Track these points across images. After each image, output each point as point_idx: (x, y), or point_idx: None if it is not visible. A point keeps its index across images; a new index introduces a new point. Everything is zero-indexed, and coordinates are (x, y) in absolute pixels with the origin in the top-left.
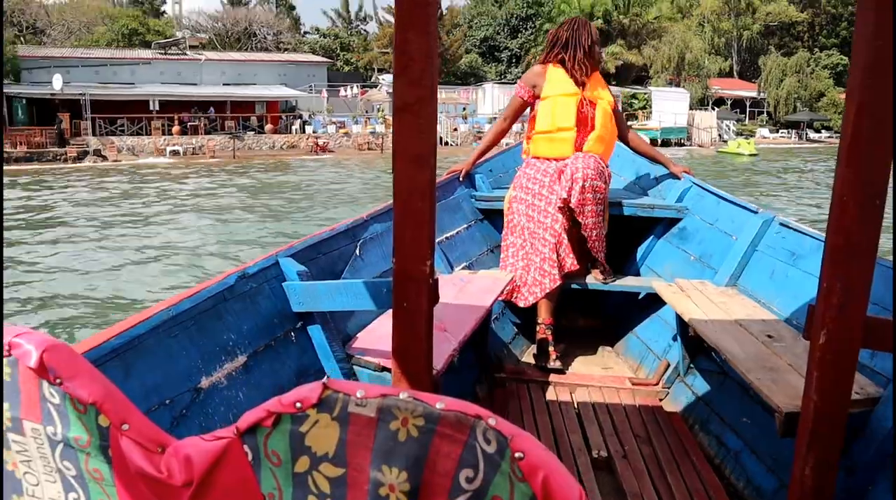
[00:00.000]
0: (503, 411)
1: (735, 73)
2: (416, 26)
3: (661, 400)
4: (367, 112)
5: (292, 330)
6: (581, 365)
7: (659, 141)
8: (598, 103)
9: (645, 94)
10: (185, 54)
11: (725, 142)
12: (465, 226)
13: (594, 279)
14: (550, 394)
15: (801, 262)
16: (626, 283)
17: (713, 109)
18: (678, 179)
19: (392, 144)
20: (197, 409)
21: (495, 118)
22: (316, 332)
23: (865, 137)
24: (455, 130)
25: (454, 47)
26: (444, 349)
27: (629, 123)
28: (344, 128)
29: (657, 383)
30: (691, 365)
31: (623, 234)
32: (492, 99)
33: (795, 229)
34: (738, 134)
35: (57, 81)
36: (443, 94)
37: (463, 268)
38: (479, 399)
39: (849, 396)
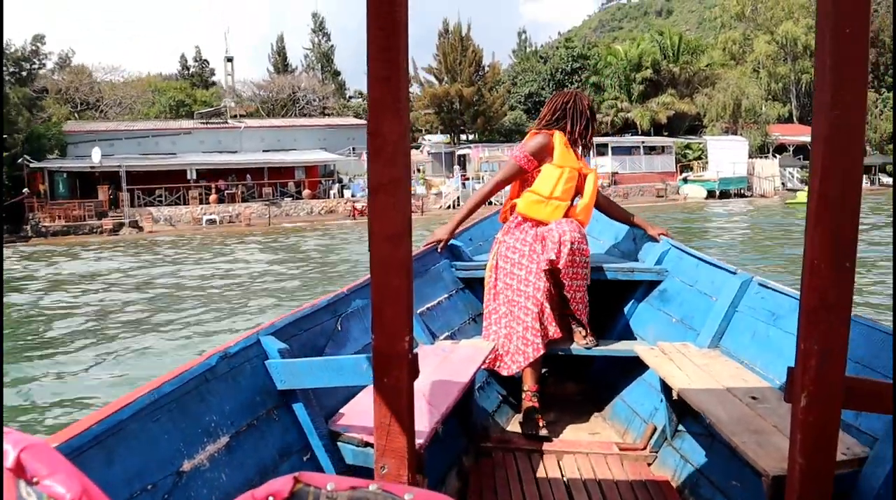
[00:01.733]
0: (490, 481)
1: (794, 119)
2: (388, 110)
3: (649, 465)
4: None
5: (275, 408)
6: (568, 431)
7: (717, 192)
8: (589, 176)
9: (699, 143)
10: (227, 123)
11: (791, 191)
12: (447, 296)
13: (577, 345)
14: (538, 463)
15: (781, 322)
16: (610, 347)
17: (774, 157)
18: (657, 241)
19: (368, 223)
20: (179, 493)
21: None
22: (299, 409)
23: (832, 201)
24: None
25: (496, 104)
26: (426, 422)
27: (684, 174)
28: None
29: (645, 448)
30: (678, 428)
31: (604, 297)
32: None
33: (774, 289)
34: (803, 181)
35: (96, 154)
36: (486, 152)
37: (445, 338)
38: (465, 470)
39: (834, 457)
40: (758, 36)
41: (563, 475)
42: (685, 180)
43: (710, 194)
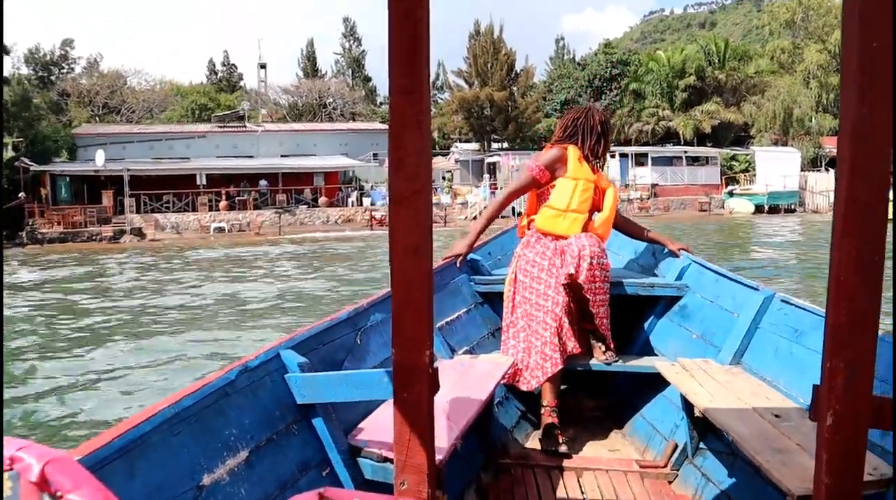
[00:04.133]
0: (509, 498)
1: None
2: (409, 125)
3: (670, 483)
4: (433, 182)
5: (294, 422)
6: (588, 448)
7: (766, 207)
8: (608, 190)
9: (747, 155)
10: (245, 127)
11: None
12: (465, 310)
13: (597, 360)
14: (557, 480)
15: (804, 338)
16: (630, 363)
17: (827, 170)
18: (677, 256)
19: (389, 236)
20: None
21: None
22: (318, 423)
23: (860, 208)
24: None
25: (529, 110)
26: (446, 438)
27: (730, 187)
28: None
29: (665, 466)
30: (700, 446)
31: (624, 313)
32: None
33: (797, 306)
34: None
35: (100, 158)
36: (517, 160)
37: (464, 352)
38: (483, 487)
39: (861, 478)
40: (808, 45)
41: (583, 493)
42: (731, 194)
43: (759, 209)
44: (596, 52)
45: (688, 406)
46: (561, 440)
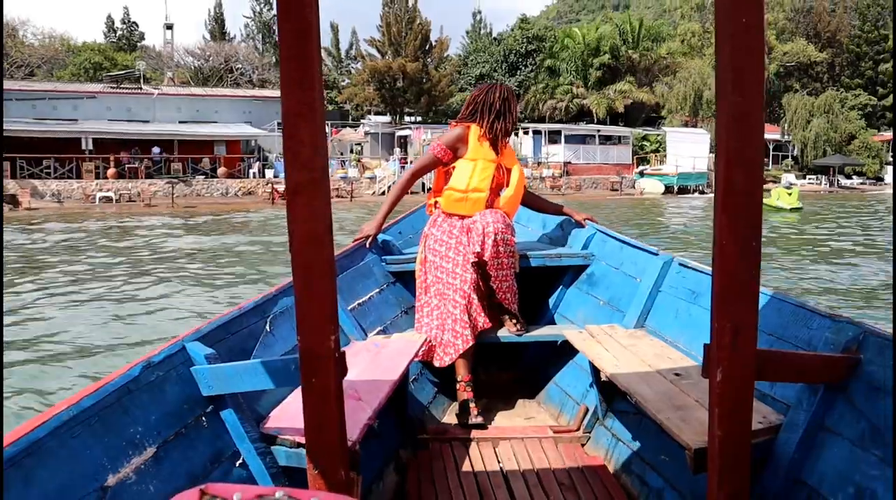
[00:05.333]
0: (428, 473)
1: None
2: (302, 116)
3: (583, 446)
4: (341, 154)
5: (203, 415)
6: (503, 418)
7: (675, 188)
8: (513, 168)
9: (658, 135)
10: (140, 89)
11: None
12: (378, 290)
13: (508, 332)
14: (474, 451)
15: (701, 299)
16: (539, 333)
17: None
18: (582, 226)
19: (287, 226)
20: None
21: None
22: (228, 414)
23: (738, 186)
24: None
25: (443, 83)
26: (359, 419)
27: (641, 167)
28: None
29: (578, 429)
30: (609, 408)
31: (534, 284)
32: None
33: (693, 269)
34: (771, 180)
35: None
36: (429, 133)
37: (377, 333)
38: (402, 463)
39: (749, 428)
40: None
41: (499, 462)
42: (641, 174)
43: (668, 190)
44: (512, 27)
45: (595, 371)
46: (476, 413)
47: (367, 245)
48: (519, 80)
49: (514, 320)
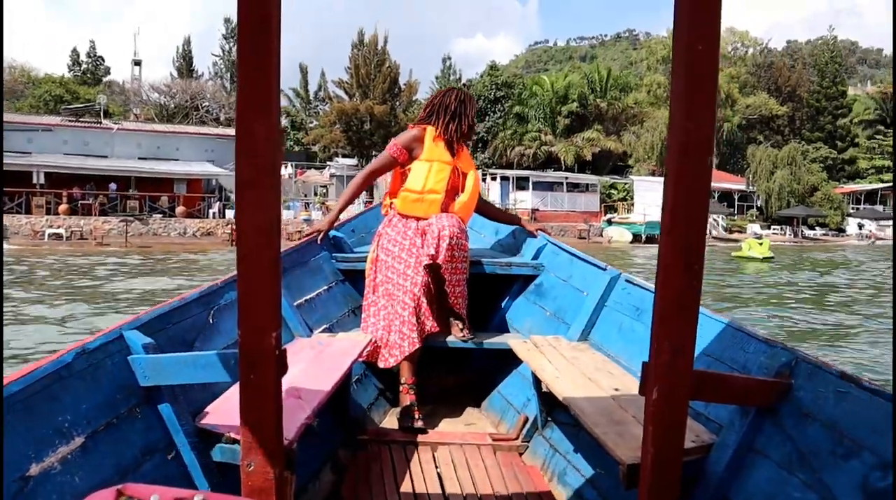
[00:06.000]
0: (365, 474)
1: (713, 166)
2: (257, 107)
3: (521, 454)
4: (304, 196)
5: (137, 406)
6: (445, 424)
7: (643, 237)
8: (469, 173)
9: (625, 183)
10: (99, 123)
11: (720, 240)
12: (326, 288)
13: (455, 338)
14: (413, 454)
15: (645, 316)
16: (486, 341)
17: None
18: (534, 237)
19: (236, 220)
20: None
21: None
22: (164, 406)
23: (683, 210)
24: None
25: None
26: (297, 418)
27: (609, 215)
28: None
29: (517, 438)
30: (549, 419)
31: (484, 291)
32: None
33: (639, 286)
34: (727, 230)
35: None
36: None
37: (323, 331)
38: (340, 463)
39: (682, 446)
40: None
41: (437, 467)
42: (609, 222)
43: (636, 238)
44: (482, 74)
45: (537, 382)
46: (418, 417)
47: (319, 241)
48: (487, 127)
49: (462, 326)
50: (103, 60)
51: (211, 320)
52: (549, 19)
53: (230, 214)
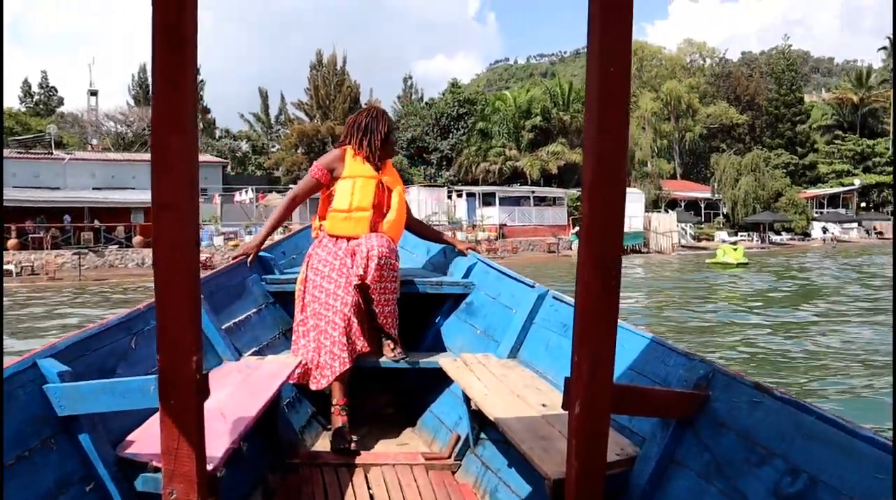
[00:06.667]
0: (296, 498)
1: (678, 176)
2: (173, 123)
3: (453, 473)
4: (266, 219)
5: (53, 437)
6: (378, 444)
7: None
8: (394, 188)
9: None
10: (50, 153)
11: (688, 248)
12: (256, 310)
13: (386, 358)
14: (345, 477)
15: (571, 332)
16: (417, 360)
17: (667, 211)
18: (465, 255)
19: (152, 242)
20: None
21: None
22: (83, 436)
23: (599, 225)
24: None
25: None
26: (223, 443)
27: (576, 228)
28: (235, 239)
29: (450, 457)
30: (480, 436)
31: (416, 310)
32: (417, 203)
33: (566, 302)
34: (696, 238)
35: None
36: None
37: (252, 354)
38: (270, 488)
39: (604, 460)
40: (643, 93)
41: (369, 488)
42: (577, 236)
43: None
44: (444, 92)
45: (468, 399)
46: (350, 438)
47: (248, 263)
48: (451, 144)
49: (394, 345)
50: (56, 91)
51: (133, 346)
52: (509, 38)
53: None
